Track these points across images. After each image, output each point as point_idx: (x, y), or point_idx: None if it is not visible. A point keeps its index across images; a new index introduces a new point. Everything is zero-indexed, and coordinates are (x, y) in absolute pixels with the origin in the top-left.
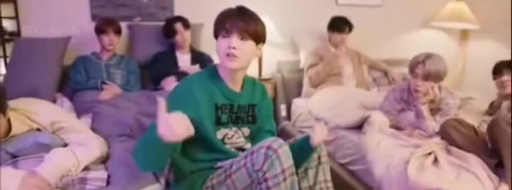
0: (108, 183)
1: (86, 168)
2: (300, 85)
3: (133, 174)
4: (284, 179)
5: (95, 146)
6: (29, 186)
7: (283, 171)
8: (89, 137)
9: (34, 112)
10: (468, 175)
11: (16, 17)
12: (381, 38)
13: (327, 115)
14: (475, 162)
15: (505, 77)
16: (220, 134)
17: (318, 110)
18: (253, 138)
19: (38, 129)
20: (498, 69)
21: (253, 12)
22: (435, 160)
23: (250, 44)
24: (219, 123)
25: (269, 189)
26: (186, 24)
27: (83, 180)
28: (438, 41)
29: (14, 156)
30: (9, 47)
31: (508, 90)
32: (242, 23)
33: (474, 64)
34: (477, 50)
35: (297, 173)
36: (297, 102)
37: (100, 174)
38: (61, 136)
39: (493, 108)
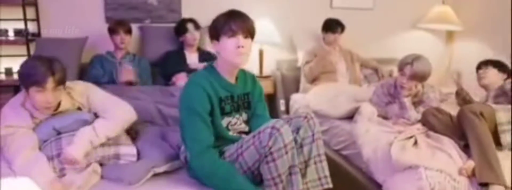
0: (138, 159)
1: (118, 146)
2: (297, 82)
3: (158, 151)
4: (286, 152)
5: (119, 119)
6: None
7: (285, 145)
8: (114, 111)
9: (77, 91)
10: (441, 154)
11: (37, 19)
12: (373, 39)
13: (322, 108)
14: (448, 144)
15: (480, 71)
16: (224, 122)
17: (315, 104)
18: (249, 122)
19: (79, 108)
20: (480, 65)
21: (245, 13)
22: (415, 143)
23: (250, 41)
24: (223, 113)
25: (274, 161)
26: (196, 25)
27: (117, 156)
28: (426, 41)
29: (58, 132)
30: (31, 47)
31: (483, 81)
32: (244, 24)
33: (459, 63)
34: (462, 50)
35: (296, 141)
36: (295, 98)
37: (130, 150)
38: (95, 110)
39: (458, 98)
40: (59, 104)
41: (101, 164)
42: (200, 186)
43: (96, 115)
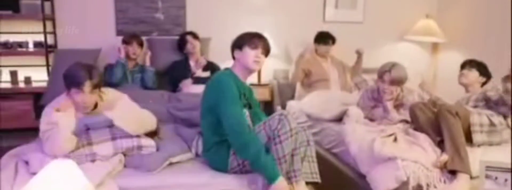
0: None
1: (140, 139)
2: (293, 89)
3: (173, 145)
4: (291, 135)
5: (137, 125)
6: None
7: (291, 129)
8: (134, 118)
9: (110, 97)
10: (417, 148)
11: (54, 32)
12: (362, 50)
13: (314, 111)
14: (423, 140)
15: (464, 70)
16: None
17: (307, 108)
18: (252, 118)
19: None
20: (463, 65)
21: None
22: (395, 139)
23: (264, 57)
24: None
25: (281, 142)
26: (195, 36)
27: (140, 147)
28: (412, 52)
29: (87, 128)
30: (50, 58)
31: (463, 80)
32: (264, 43)
33: (443, 72)
34: (446, 60)
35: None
36: (290, 104)
37: (150, 143)
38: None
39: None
40: (95, 105)
41: (125, 155)
42: (209, 172)
43: None
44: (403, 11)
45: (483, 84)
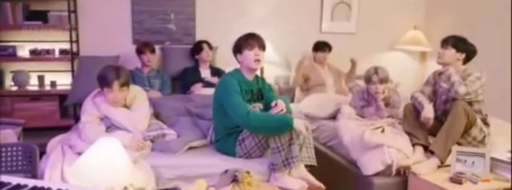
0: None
1: (163, 129)
2: (293, 93)
3: (191, 132)
4: None
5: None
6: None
7: None
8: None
9: (131, 91)
10: (401, 139)
11: (77, 41)
12: (356, 59)
13: (311, 111)
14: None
15: (441, 50)
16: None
17: (306, 108)
18: (265, 109)
19: (125, 105)
20: (442, 43)
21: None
22: (383, 131)
23: (263, 52)
24: (247, 101)
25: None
26: (210, 45)
27: (163, 135)
28: (402, 61)
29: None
30: (75, 64)
31: (439, 60)
32: (259, 40)
33: None
34: (433, 68)
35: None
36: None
37: (172, 132)
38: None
39: None
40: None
41: (152, 141)
42: (221, 156)
43: None
44: (393, 23)
45: (466, 61)
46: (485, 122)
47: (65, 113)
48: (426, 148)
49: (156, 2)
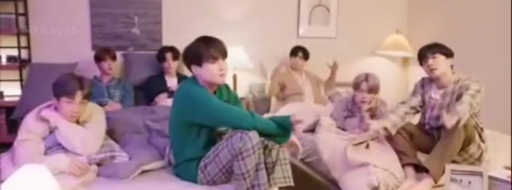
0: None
1: (114, 151)
2: (268, 103)
3: (145, 153)
4: (254, 152)
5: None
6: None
7: (253, 146)
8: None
9: (88, 107)
10: (388, 156)
11: (28, 47)
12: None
13: None
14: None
15: (429, 61)
16: None
17: None
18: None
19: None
20: (426, 54)
21: (216, 37)
22: (367, 146)
23: (226, 62)
24: None
25: (243, 159)
26: (175, 55)
27: (113, 157)
28: (384, 67)
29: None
30: (24, 73)
31: (436, 72)
32: (221, 49)
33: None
34: (416, 74)
35: (267, 146)
36: (265, 116)
37: (123, 154)
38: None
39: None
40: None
41: (98, 165)
42: (180, 182)
43: None
44: (374, 26)
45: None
46: (480, 137)
47: (13, 127)
48: (416, 167)
49: (118, 4)
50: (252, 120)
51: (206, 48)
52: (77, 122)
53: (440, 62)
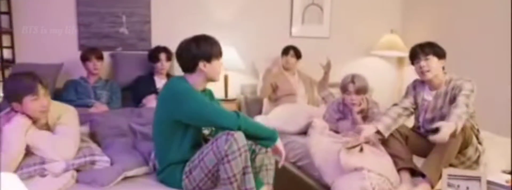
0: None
1: (94, 155)
2: (260, 104)
3: (128, 158)
4: (240, 155)
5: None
6: None
7: (239, 149)
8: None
9: (55, 106)
10: (383, 161)
11: (12, 47)
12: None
13: (279, 124)
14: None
15: (422, 63)
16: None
17: (274, 121)
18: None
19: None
20: (419, 55)
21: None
22: (361, 150)
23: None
24: None
25: (229, 162)
26: (168, 56)
27: (93, 162)
28: (379, 67)
29: None
30: (6, 73)
31: (429, 75)
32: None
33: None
34: (411, 74)
35: (254, 151)
36: (258, 119)
37: (104, 158)
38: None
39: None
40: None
41: (78, 170)
42: (165, 188)
43: None
44: (369, 26)
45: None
46: (477, 138)
47: None
48: (412, 171)
49: (106, 2)
50: (236, 119)
51: (214, 45)
52: (47, 127)
53: (432, 64)
